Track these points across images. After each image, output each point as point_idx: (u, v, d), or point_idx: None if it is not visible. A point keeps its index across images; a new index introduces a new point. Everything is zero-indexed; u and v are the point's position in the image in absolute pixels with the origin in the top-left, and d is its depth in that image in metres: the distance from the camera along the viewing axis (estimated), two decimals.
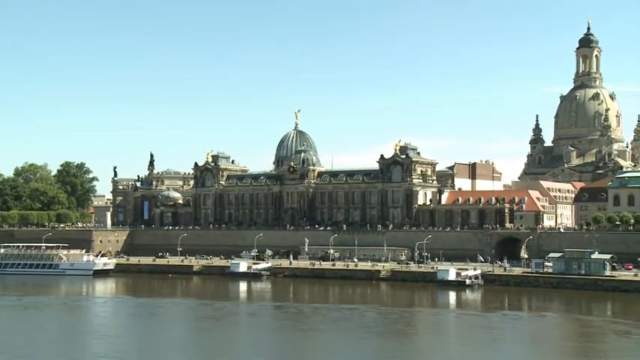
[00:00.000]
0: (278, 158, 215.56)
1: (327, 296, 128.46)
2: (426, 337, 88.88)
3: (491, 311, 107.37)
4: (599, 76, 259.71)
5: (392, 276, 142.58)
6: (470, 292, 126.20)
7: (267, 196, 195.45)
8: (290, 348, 79.26)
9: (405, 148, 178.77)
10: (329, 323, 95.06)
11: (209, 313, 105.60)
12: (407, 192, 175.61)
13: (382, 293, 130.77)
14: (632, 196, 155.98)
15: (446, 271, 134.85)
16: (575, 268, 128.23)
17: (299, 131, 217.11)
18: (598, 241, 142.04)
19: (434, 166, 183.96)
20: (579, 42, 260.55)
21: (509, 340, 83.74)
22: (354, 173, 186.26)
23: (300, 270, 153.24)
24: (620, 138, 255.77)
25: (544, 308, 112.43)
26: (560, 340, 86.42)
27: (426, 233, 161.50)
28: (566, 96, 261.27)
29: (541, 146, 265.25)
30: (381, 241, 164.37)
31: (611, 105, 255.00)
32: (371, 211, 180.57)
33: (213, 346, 79.33)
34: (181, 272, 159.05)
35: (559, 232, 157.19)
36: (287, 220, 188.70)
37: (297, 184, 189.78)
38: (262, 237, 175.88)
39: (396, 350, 77.36)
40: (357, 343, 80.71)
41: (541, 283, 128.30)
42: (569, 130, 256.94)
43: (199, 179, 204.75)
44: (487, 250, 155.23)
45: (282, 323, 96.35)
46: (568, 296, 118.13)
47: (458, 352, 77.74)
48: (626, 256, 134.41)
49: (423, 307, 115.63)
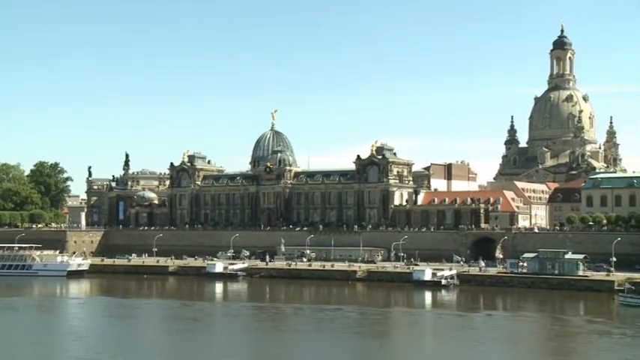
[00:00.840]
0: (254, 158, 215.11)
1: (304, 296, 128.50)
2: (402, 337, 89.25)
3: (466, 311, 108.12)
4: (572, 78, 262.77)
5: (368, 276, 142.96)
6: (445, 292, 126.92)
7: (243, 196, 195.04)
8: (266, 348, 79.14)
9: (382, 149, 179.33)
10: (305, 323, 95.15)
11: (185, 313, 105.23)
12: (383, 192, 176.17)
13: (358, 293, 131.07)
14: (604, 196, 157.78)
15: (422, 271, 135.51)
16: (549, 268, 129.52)
17: (275, 131, 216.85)
18: (571, 242, 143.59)
19: (410, 167, 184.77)
20: (553, 44, 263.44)
21: (484, 340, 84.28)
22: (330, 174, 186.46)
23: (277, 270, 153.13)
24: (593, 139, 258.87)
25: (519, 308, 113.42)
26: (535, 339, 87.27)
27: (402, 233, 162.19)
28: (540, 97, 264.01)
29: (516, 147, 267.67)
30: (357, 241, 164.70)
31: (585, 107, 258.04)
32: (347, 211, 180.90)
33: (189, 347, 78.94)
34: (157, 273, 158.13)
35: (533, 233, 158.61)
36: (263, 220, 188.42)
37: (274, 185, 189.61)
38: (238, 237, 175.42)
39: (373, 350, 77.65)
40: (333, 344, 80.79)
41: (516, 283, 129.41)
42: (544, 131, 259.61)
43: (175, 179, 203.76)
44: (463, 251, 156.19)
45: (259, 324, 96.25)
46: (542, 296, 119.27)
47: (434, 352, 78.18)
48: (599, 256, 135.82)
49: (399, 307, 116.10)
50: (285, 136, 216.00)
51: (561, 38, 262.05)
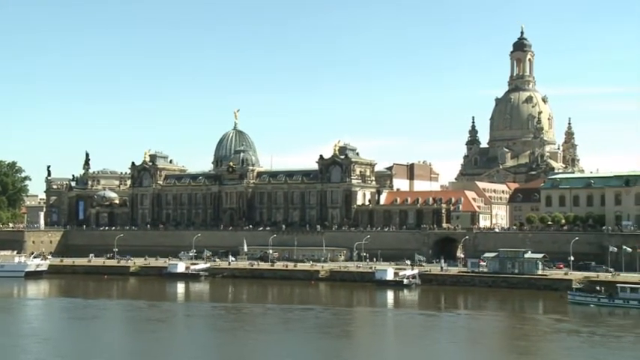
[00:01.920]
0: (217, 158, 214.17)
1: (266, 296, 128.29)
2: (364, 336, 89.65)
3: (428, 310, 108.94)
4: (532, 80, 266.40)
5: (331, 276, 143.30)
6: (407, 291, 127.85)
7: (205, 196, 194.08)
8: (228, 349, 78.84)
9: (344, 149, 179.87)
10: (268, 323, 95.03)
11: (147, 314, 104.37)
12: (346, 192, 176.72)
13: (321, 293, 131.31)
14: (563, 196, 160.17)
15: (384, 270, 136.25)
16: (509, 267, 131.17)
17: (238, 131, 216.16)
18: (531, 241, 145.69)
19: (373, 167, 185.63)
20: (513, 46, 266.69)
21: (446, 339, 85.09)
22: (293, 173, 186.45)
23: (239, 270, 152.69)
24: (552, 140, 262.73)
25: (480, 307, 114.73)
26: (495, 338, 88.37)
27: (365, 233, 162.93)
28: (501, 98, 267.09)
29: (477, 147, 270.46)
30: (320, 241, 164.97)
31: (544, 108, 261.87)
32: (310, 211, 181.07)
33: (151, 348, 78.36)
34: (117, 273, 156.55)
35: (494, 232, 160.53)
36: (226, 220, 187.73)
37: (236, 185, 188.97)
38: (201, 237, 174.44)
39: (336, 350, 77.79)
40: (296, 344, 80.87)
41: (476, 283, 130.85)
42: (504, 131, 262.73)
43: (136, 179, 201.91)
44: (424, 250, 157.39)
45: (221, 324, 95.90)
46: (502, 295, 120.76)
47: (396, 352, 78.58)
48: (558, 255, 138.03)
49: (361, 306, 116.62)
50: (248, 136, 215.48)
51: (521, 40, 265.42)
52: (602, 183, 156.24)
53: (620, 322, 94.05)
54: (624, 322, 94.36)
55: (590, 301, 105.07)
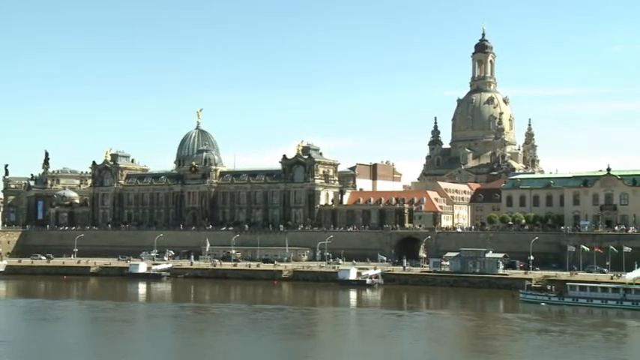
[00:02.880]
0: (179, 158, 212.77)
1: (229, 296, 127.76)
2: (327, 336, 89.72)
3: (390, 310, 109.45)
4: (493, 81, 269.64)
5: (293, 276, 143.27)
6: (370, 291, 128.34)
7: (167, 195, 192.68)
8: (190, 350, 78.28)
9: (308, 149, 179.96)
10: (230, 324, 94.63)
11: (107, 314, 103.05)
12: (309, 192, 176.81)
13: (284, 293, 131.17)
14: (523, 196, 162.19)
15: (347, 270, 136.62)
16: (470, 266, 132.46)
17: (201, 130, 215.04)
18: (492, 241, 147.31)
19: (336, 167, 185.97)
20: (475, 47, 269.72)
21: (408, 338, 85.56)
22: (256, 173, 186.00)
23: (202, 270, 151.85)
24: (512, 141, 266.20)
25: (441, 306, 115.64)
26: (457, 337, 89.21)
27: (328, 233, 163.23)
28: (463, 99, 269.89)
29: (439, 148, 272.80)
30: (283, 241, 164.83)
31: (505, 109, 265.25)
32: (273, 211, 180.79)
33: (113, 349, 77.43)
34: (77, 274, 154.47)
35: (456, 232, 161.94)
36: (188, 220, 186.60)
37: (199, 184, 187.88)
38: (163, 237, 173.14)
39: (298, 350, 77.79)
40: (258, 343, 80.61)
41: (438, 282, 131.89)
42: (466, 132, 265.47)
43: (97, 178, 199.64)
44: (387, 250, 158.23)
45: (182, 324, 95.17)
46: (464, 294, 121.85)
47: (358, 351, 78.78)
48: (518, 254, 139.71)
49: (324, 306, 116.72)
50: (211, 136, 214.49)
51: (482, 42, 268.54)
52: (561, 183, 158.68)
53: (586, 320, 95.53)
54: (590, 320, 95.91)
55: (541, 300, 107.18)
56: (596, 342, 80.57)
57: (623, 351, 78.53)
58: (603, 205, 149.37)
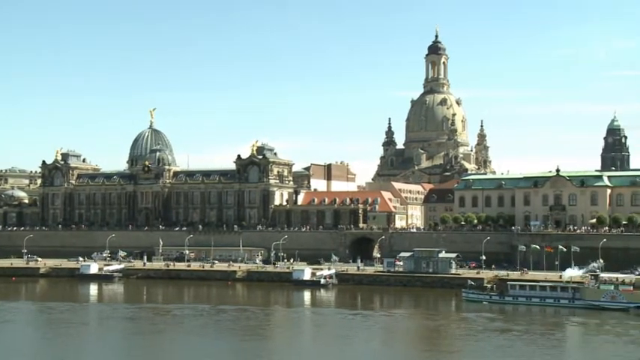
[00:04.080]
0: (132, 157, 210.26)
1: (182, 297, 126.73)
2: (279, 336, 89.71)
3: (344, 310, 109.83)
4: (446, 82, 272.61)
5: (248, 276, 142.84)
6: (324, 291, 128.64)
7: (120, 195, 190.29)
8: (141, 351, 77.50)
9: (262, 149, 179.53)
10: (184, 324, 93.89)
11: (57, 316, 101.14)
12: (264, 192, 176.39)
13: (238, 293, 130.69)
14: (475, 197, 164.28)
15: (301, 270, 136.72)
16: (424, 266, 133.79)
17: (154, 130, 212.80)
18: (445, 241, 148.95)
19: (290, 167, 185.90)
20: (428, 49, 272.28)
21: (360, 338, 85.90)
22: (210, 173, 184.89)
23: (155, 271, 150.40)
24: (465, 142, 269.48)
25: (395, 306, 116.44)
26: (409, 336, 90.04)
27: (282, 233, 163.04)
28: (416, 100, 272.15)
29: (393, 148, 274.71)
30: (237, 241, 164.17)
31: (458, 110, 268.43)
32: (227, 211, 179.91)
33: (60, 351, 76.18)
34: (27, 275, 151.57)
35: (409, 232, 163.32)
36: (141, 220, 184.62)
37: (152, 184, 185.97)
38: (115, 238, 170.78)
39: (252, 350, 77.53)
40: (211, 344, 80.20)
41: (392, 282, 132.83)
42: (419, 133, 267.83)
43: (47, 178, 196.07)
44: (341, 250, 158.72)
45: (134, 326, 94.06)
46: (417, 294, 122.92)
47: (312, 351, 78.93)
48: (470, 254, 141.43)
49: (278, 306, 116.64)
50: (164, 135, 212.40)
51: (436, 43, 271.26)
52: (512, 184, 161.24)
53: (527, 318, 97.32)
54: (537, 318, 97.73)
55: (483, 299, 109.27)
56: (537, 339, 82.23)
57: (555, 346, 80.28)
58: (553, 206, 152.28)
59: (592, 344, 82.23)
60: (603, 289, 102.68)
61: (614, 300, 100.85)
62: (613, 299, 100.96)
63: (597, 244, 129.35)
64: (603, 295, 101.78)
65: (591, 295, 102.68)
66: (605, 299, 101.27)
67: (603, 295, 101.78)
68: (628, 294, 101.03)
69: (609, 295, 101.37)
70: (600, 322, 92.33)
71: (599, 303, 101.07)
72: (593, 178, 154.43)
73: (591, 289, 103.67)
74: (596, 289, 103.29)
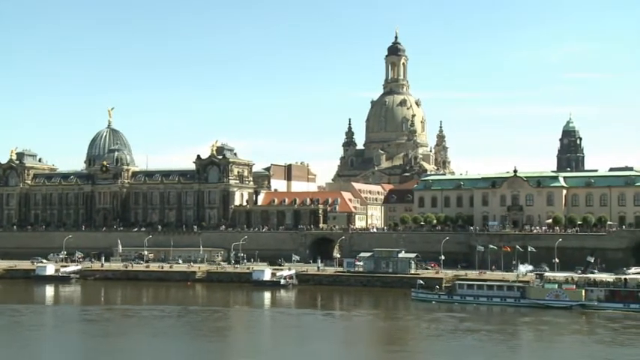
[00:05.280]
0: (90, 157, 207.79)
1: (141, 298, 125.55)
2: (239, 336, 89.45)
3: (304, 310, 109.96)
4: (406, 83, 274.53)
5: (207, 277, 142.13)
6: (284, 291, 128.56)
7: (77, 195, 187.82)
8: (97, 353, 76.55)
9: (222, 149, 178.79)
10: (141, 326, 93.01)
11: (11, 318, 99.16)
12: (223, 193, 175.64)
13: (197, 294, 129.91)
14: (435, 197, 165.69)
15: (261, 271, 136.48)
16: (383, 266, 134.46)
17: (112, 129, 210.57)
18: (405, 241, 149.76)
19: (250, 167, 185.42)
20: (388, 50, 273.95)
21: (319, 338, 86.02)
22: (169, 173, 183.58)
23: (113, 272, 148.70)
24: (424, 143, 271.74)
25: (354, 306, 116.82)
26: (368, 336, 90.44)
27: (243, 234, 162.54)
28: (376, 101, 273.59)
29: (353, 149, 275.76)
30: (197, 241, 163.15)
31: (417, 111, 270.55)
32: (187, 211, 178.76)
33: (12, 355, 74.81)
34: None
35: (369, 233, 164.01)
36: (99, 221, 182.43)
37: (110, 184, 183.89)
38: (72, 239, 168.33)
39: (211, 351, 77.23)
40: (169, 345, 79.47)
41: (352, 282, 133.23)
42: (379, 134, 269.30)
43: (2, 178, 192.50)
44: (302, 251, 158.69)
45: (91, 328, 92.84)
46: (377, 294, 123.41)
47: (271, 351, 78.78)
48: (430, 254, 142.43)
49: (238, 307, 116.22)
50: (123, 135, 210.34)
51: (395, 44, 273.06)
52: (470, 185, 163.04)
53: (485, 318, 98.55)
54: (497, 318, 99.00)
55: (432, 298, 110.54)
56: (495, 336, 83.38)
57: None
58: (510, 206, 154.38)
59: (547, 344, 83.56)
60: (548, 288, 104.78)
61: (557, 299, 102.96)
62: (557, 298, 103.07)
63: (553, 243, 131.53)
64: (547, 294, 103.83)
65: (536, 294, 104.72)
66: (550, 298, 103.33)
67: (547, 294, 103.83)
68: (571, 292, 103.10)
69: (553, 294, 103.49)
70: (554, 321, 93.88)
71: (544, 302, 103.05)
72: (549, 179, 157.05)
73: (536, 289, 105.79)
74: (540, 289, 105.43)
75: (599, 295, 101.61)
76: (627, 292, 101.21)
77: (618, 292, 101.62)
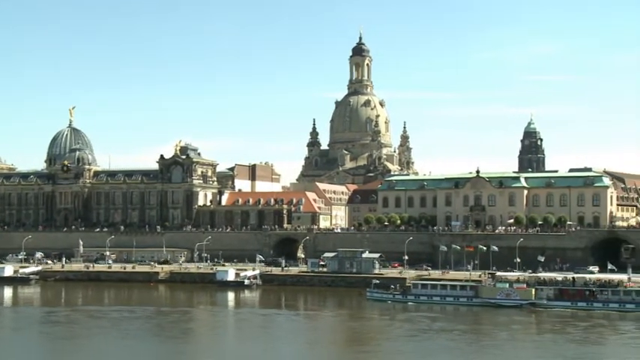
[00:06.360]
0: (50, 157, 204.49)
1: (102, 299, 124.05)
2: (201, 336, 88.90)
3: (268, 310, 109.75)
4: (370, 84, 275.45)
5: (171, 277, 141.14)
6: (248, 292, 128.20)
7: (37, 195, 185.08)
8: (56, 355, 75.55)
9: (186, 149, 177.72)
10: (102, 327, 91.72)
11: None
12: (187, 193, 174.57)
13: (161, 295, 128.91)
14: (398, 198, 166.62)
15: (225, 271, 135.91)
16: (347, 266, 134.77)
17: (73, 129, 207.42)
18: (369, 241, 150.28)
19: (214, 167, 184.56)
20: (352, 50, 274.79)
21: (283, 338, 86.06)
22: (132, 173, 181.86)
23: (74, 273, 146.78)
24: (388, 143, 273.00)
25: (318, 306, 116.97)
26: (331, 335, 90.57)
27: (206, 234, 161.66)
28: (341, 101, 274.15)
29: (318, 149, 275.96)
30: (160, 242, 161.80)
31: (381, 111, 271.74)
32: (150, 211, 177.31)
33: None
34: None
35: (333, 233, 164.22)
36: (60, 221, 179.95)
37: (72, 184, 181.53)
38: (32, 239, 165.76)
39: (173, 352, 76.70)
40: (133, 347, 78.69)
41: (316, 282, 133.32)
42: (344, 134, 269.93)
43: None
44: (266, 251, 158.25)
45: (51, 329, 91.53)
46: (341, 294, 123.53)
47: (234, 352, 78.53)
48: (394, 254, 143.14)
49: (201, 307, 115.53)
50: (84, 134, 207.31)
51: (360, 45, 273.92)
52: (434, 185, 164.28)
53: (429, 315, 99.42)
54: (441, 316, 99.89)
55: (387, 298, 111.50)
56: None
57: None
58: (473, 206, 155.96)
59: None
60: (499, 287, 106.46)
61: (508, 297, 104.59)
62: (508, 297, 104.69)
63: (515, 243, 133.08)
64: (499, 293, 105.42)
65: (488, 293, 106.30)
66: (501, 297, 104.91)
67: (499, 293, 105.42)
68: (521, 291, 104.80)
69: (504, 293, 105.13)
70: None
71: (495, 301, 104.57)
72: (510, 180, 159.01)
73: (488, 288, 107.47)
74: (492, 288, 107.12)
75: (549, 294, 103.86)
76: (575, 291, 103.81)
77: (567, 291, 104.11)
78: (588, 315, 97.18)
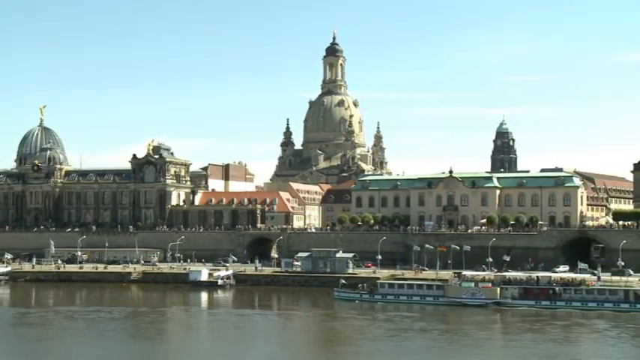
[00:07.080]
0: (20, 156, 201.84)
1: (74, 300, 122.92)
2: (175, 337, 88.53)
3: (241, 310, 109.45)
4: (344, 84, 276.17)
5: (143, 277, 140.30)
6: (222, 292, 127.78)
7: (7, 195, 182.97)
8: (26, 357, 74.64)
9: (159, 148, 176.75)
10: (74, 328, 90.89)
11: None
12: (160, 192, 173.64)
13: (133, 295, 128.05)
14: (372, 197, 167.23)
15: (198, 271, 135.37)
16: (321, 266, 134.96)
17: (44, 128, 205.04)
18: (342, 241, 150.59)
19: (187, 167, 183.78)
20: (326, 51, 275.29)
21: (257, 338, 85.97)
22: (104, 173, 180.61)
23: (44, 274, 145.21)
24: (362, 143, 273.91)
25: (292, 306, 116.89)
26: (305, 335, 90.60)
27: (179, 234, 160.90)
28: (314, 101, 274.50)
29: (291, 149, 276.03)
30: (132, 242, 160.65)
31: (355, 112, 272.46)
32: (122, 211, 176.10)
33: None
34: None
35: (307, 233, 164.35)
36: (30, 221, 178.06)
37: (42, 184, 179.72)
38: (1, 239, 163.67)
39: (146, 352, 76.27)
40: (105, 347, 78.00)
41: (290, 282, 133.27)
42: (317, 134, 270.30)
43: None
44: (239, 251, 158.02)
45: (20, 331, 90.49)
46: (314, 293, 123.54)
47: (207, 352, 78.25)
48: (367, 254, 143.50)
49: (174, 307, 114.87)
50: (56, 133, 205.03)
51: (333, 45, 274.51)
52: (407, 185, 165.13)
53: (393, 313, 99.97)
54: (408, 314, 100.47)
55: (354, 297, 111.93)
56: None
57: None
58: (446, 206, 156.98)
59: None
60: (465, 286, 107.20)
61: (474, 297, 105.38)
62: (473, 296, 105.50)
63: (487, 243, 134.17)
64: (464, 293, 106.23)
65: (454, 293, 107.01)
66: (466, 296, 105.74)
67: (464, 293, 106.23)
68: (487, 290, 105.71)
69: (470, 292, 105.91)
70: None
71: (461, 300, 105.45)
72: (483, 180, 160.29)
73: (454, 287, 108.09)
74: (458, 287, 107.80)
75: (513, 293, 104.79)
76: (539, 290, 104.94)
77: (531, 290, 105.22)
78: (552, 314, 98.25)
